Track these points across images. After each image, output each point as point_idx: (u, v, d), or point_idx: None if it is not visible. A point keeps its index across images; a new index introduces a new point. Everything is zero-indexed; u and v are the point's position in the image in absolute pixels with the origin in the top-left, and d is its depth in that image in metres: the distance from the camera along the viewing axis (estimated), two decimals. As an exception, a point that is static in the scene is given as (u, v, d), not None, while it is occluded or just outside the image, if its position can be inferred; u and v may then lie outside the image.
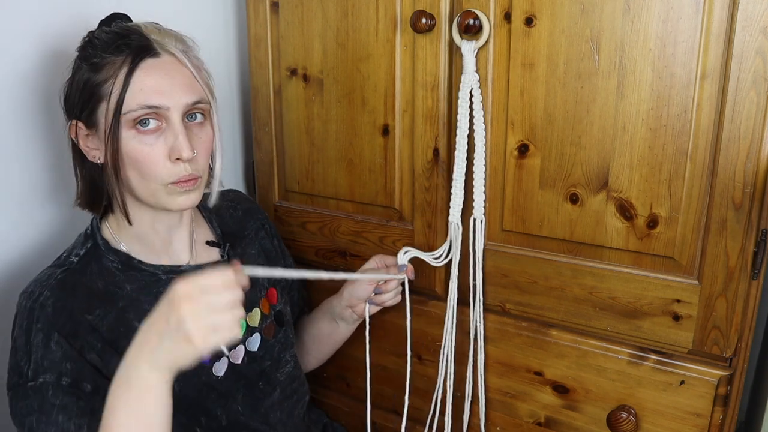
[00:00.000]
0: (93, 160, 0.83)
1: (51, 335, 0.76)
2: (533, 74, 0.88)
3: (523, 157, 0.92)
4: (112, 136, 0.78)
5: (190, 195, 0.82)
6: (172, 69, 0.80)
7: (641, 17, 0.79)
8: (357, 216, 1.10)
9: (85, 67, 0.80)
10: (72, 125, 0.83)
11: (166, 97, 0.78)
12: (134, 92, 0.77)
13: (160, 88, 0.78)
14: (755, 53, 0.73)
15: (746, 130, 0.75)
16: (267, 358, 0.96)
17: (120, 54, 0.79)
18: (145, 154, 0.79)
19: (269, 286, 1.01)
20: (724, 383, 0.84)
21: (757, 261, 0.78)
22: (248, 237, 1.02)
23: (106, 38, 0.81)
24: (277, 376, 0.97)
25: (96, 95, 0.79)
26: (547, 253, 0.93)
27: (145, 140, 0.79)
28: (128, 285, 0.84)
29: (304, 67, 1.10)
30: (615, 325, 0.90)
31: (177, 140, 0.79)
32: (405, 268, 0.98)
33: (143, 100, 0.78)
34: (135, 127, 0.78)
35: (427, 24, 0.92)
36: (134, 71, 0.78)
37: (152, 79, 0.78)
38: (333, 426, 1.16)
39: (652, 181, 0.83)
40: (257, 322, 0.95)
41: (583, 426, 0.95)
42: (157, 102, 0.78)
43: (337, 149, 1.10)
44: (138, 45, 0.79)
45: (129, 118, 0.78)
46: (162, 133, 0.79)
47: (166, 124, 0.79)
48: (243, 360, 0.92)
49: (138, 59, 0.78)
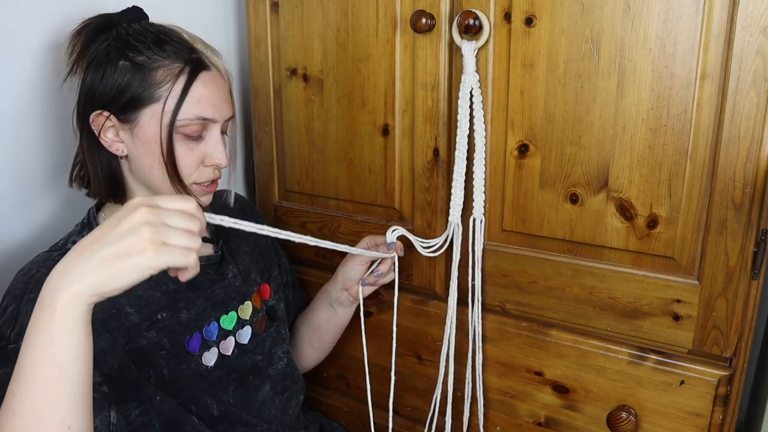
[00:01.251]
0: (115, 152, 0.85)
1: None
2: (533, 74, 0.88)
3: (523, 157, 0.92)
4: (168, 141, 0.82)
5: (209, 196, 0.89)
6: (220, 84, 0.86)
7: (641, 17, 0.79)
8: (357, 216, 1.10)
9: (126, 63, 0.81)
10: (100, 116, 0.82)
11: (217, 110, 0.84)
12: (191, 103, 0.82)
13: (213, 101, 0.84)
14: (755, 53, 0.73)
15: (746, 130, 0.75)
16: (258, 352, 0.96)
17: (175, 60, 0.81)
18: (185, 157, 0.83)
19: (262, 281, 1.02)
20: (724, 383, 0.84)
21: (757, 261, 0.78)
22: (243, 234, 1.01)
23: (152, 38, 0.82)
24: (269, 372, 0.98)
25: (145, 96, 0.81)
26: (547, 253, 0.93)
27: (188, 145, 0.83)
28: None
29: (304, 67, 1.10)
30: (615, 325, 0.90)
31: (217, 151, 0.85)
32: (394, 246, 0.98)
33: (198, 112, 0.82)
34: (182, 133, 0.82)
35: (427, 24, 0.92)
36: (193, 82, 0.82)
37: (207, 93, 0.83)
38: (331, 426, 1.16)
39: (652, 181, 0.83)
40: (248, 315, 0.96)
41: (583, 426, 0.95)
42: (210, 115, 0.83)
43: (337, 149, 1.10)
44: (194, 57, 0.83)
45: (181, 125, 0.82)
46: (202, 140, 0.85)
47: (206, 132, 0.85)
48: (233, 352, 0.93)
49: (197, 70, 0.82)
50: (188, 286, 0.88)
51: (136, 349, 0.82)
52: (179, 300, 0.87)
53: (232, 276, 0.95)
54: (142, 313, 0.83)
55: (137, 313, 0.83)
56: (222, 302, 0.93)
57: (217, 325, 0.91)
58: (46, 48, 0.98)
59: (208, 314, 0.90)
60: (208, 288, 0.91)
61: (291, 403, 1.02)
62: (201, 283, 0.90)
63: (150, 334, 0.84)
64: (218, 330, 0.91)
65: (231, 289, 0.94)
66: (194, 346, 0.88)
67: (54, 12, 0.98)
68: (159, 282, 0.86)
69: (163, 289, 0.86)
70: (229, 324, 0.93)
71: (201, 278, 0.90)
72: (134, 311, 0.83)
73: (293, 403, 1.02)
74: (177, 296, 0.87)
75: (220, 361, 0.90)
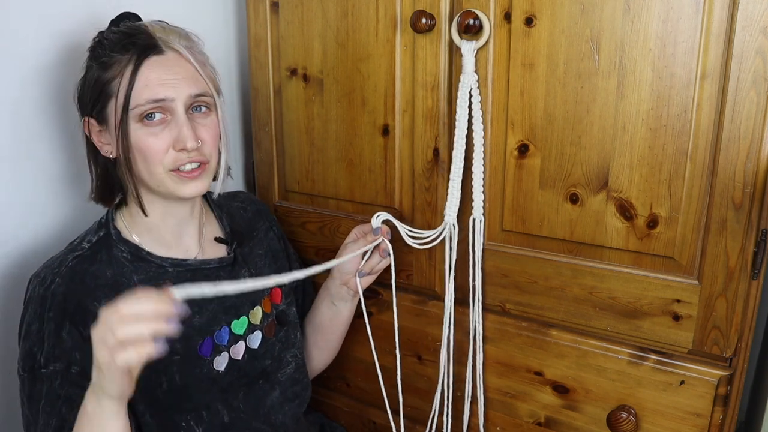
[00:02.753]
0: (106, 155, 0.87)
1: (63, 325, 0.79)
2: (533, 74, 0.88)
3: (523, 157, 0.92)
4: (122, 131, 0.82)
5: (196, 183, 0.86)
6: (175, 64, 0.84)
7: (641, 17, 0.79)
8: (357, 216, 1.10)
9: (95, 66, 0.84)
10: (85, 122, 0.86)
11: (170, 89, 0.82)
12: (140, 88, 0.81)
13: (163, 81, 0.82)
14: (755, 53, 0.73)
15: (746, 130, 0.75)
16: (268, 356, 0.96)
17: (126, 53, 0.82)
18: (150, 143, 0.82)
19: (274, 285, 1.01)
20: (724, 383, 0.84)
21: (757, 261, 0.78)
22: (257, 237, 1.04)
23: (114, 38, 0.84)
24: (278, 377, 0.98)
25: (105, 93, 0.83)
26: (547, 253, 0.93)
27: (151, 131, 0.83)
28: (135, 276, 0.86)
29: (304, 67, 1.10)
30: (615, 325, 0.90)
31: (181, 131, 0.82)
32: (379, 231, 0.97)
33: (149, 95, 0.81)
34: (142, 121, 0.82)
35: (427, 24, 0.92)
36: (139, 68, 0.81)
37: (156, 74, 0.82)
38: (331, 426, 1.16)
39: (652, 181, 0.83)
40: (259, 319, 0.96)
41: (583, 426, 0.95)
42: (162, 95, 0.82)
43: (337, 149, 1.10)
44: (143, 44, 0.83)
45: (136, 113, 0.82)
46: (167, 124, 0.83)
47: (171, 116, 0.83)
48: (243, 356, 0.93)
49: (142, 56, 0.82)
50: None
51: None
52: (191, 305, 0.87)
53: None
54: None
55: None
56: (233, 307, 0.93)
57: (228, 330, 0.92)
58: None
59: (220, 319, 0.91)
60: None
61: (300, 410, 1.02)
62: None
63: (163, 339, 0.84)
64: (229, 335, 0.92)
65: (242, 294, 0.93)
66: (206, 351, 0.89)
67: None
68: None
69: None
70: (240, 329, 0.93)
71: (214, 282, 0.90)
72: None
73: (301, 410, 1.02)
74: (190, 302, 0.87)
75: (230, 365, 0.91)
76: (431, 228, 1.01)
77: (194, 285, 0.72)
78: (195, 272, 0.90)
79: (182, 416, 0.86)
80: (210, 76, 0.88)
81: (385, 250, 0.97)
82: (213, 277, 0.92)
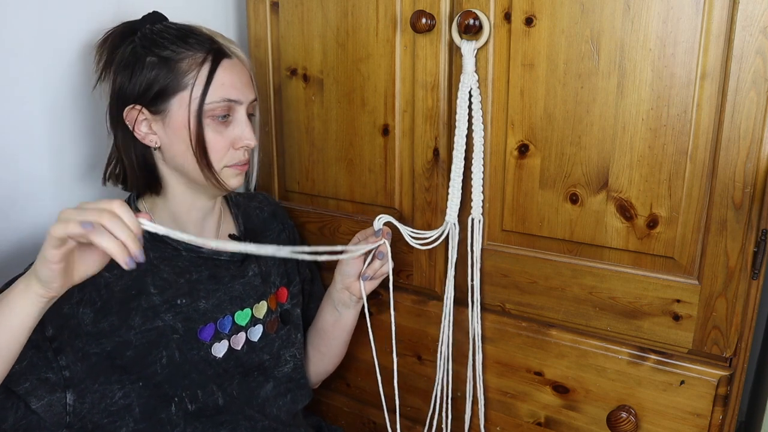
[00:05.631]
0: (149, 144, 0.89)
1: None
2: (533, 74, 0.88)
3: (523, 157, 0.92)
4: (198, 123, 0.86)
5: (241, 177, 0.93)
6: (241, 70, 0.91)
7: (641, 17, 0.79)
8: (357, 216, 1.10)
9: (153, 59, 0.86)
10: (132, 110, 0.87)
11: (240, 92, 0.89)
12: (216, 86, 0.87)
13: (236, 84, 0.89)
14: (755, 53, 0.73)
15: (746, 130, 0.75)
16: (266, 351, 0.98)
17: (199, 50, 0.87)
18: (216, 141, 0.88)
19: (281, 285, 1.04)
20: (724, 383, 0.84)
21: (757, 261, 0.78)
22: (269, 237, 1.07)
23: (175, 33, 0.88)
24: (274, 373, 0.99)
25: (172, 85, 0.86)
26: (547, 253, 0.93)
27: (218, 129, 0.88)
28: (152, 252, 0.89)
29: (304, 67, 1.10)
30: (615, 325, 0.90)
31: (244, 131, 0.90)
32: (381, 233, 0.97)
33: (224, 94, 0.87)
34: (210, 116, 0.87)
35: (427, 24, 0.92)
36: (217, 68, 0.87)
37: (230, 77, 0.88)
38: (330, 429, 1.16)
39: (652, 181, 0.83)
40: (262, 314, 0.98)
41: (583, 426, 0.95)
42: (234, 96, 0.88)
43: (337, 149, 1.10)
44: (215, 46, 0.88)
45: (209, 108, 0.86)
46: (230, 124, 0.90)
47: (232, 116, 0.90)
48: (243, 347, 0.95)
49: (219, 58, 0.88)
50: (210, 278, 0.92)
51: (151, 330, 0.86)
52: (200, 290, 0.91)
53: (252, 275, 0.98)
54: (164, 295, 0.87)
55: (159, 295, 0.87)
56: (239, 298, 0.95)
57: (231, 319, 0.94)
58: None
59: (225, 307, 0.93)
60: (228, 282, 0.94)
61: (293, 406, 1.02)
62: (222, 276, 0.94)
63: (167, 316, 0.87)
64: (231, 324, 0.94)
65: (249, 287, 0.97)
66: (206, 336, 0.91)
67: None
68: (183, 270, 0.90)
69: (186, 277, 0.90)
70: (242, 320, 0.95)
71: (223, 272, 0.94)
72: (157, 292, 0.87)
73: (296, 407, 1.03)
74: (198, 285, 0.91)
75: (229, 354, 0.93)
76: (431, 228, 1.01)
77: (169, 229, 0.71)
78: (207, 260, 0.93)
79: (176, 391, 0.87)
80: (255, 80, 0.95)
81: (381, 252, 0.97)
82: (223, 268, 0.94)
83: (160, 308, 0.87)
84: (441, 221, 1.00)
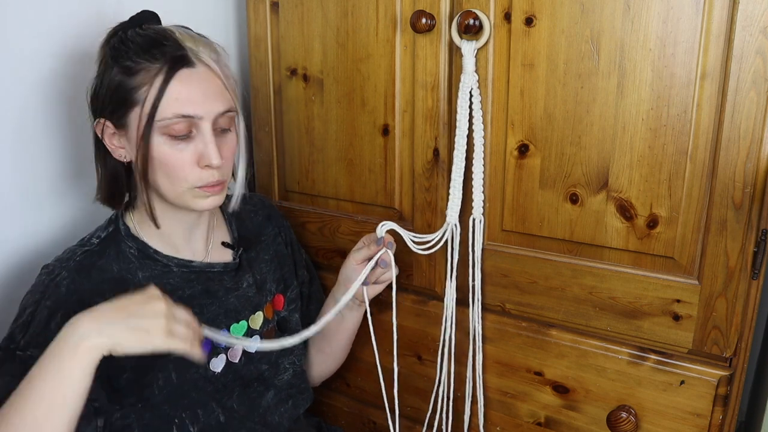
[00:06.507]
0: (119, 158, 0.85)
1: (54, 316, 0.79)
2: (533, 74, 0.88)
3: (523, 157, 0.92)
4: (144, 142, 0.80)
5: (214, 198, 0.86)
6: (205, 79, 0.82)
7: (641, 17, 0.79)
8: (357, 216, 1.10)
9: (116, 69, 0.82)
10: (99, 123, 0.84)
11: (199, 106, 0.81)
12: (169, 101, 0.80)
13: (193, 98, 0.81)
14: (755, 53, 0.73)
15: (746, 130, 0.75)
16: (264, 361, 0.96)
17: (155, 61, 0.80)
18: (175, 159, 0.81)
19: (277, 292, 1.02)
20: (724, 383, 0.84)
21: (757, 261, 0.78)
22: (264, 242, 1.04)
23: (140, 42, 0.82)
24: (274, 381, 0.98)
25: (129, 99, 0.81)
26: (547, 253, 0.93)
27: (176, 146, 0.81)
28: (141, 273, 0.86)
29: (304, 67, 1.10)
30: (615, 325, 0.90)
31: (207, 148, 0.82)
32: (382, 241, 0.96)
33: (177, 109, 0.80)
34: (166, 134, 0.81)
35: (427, 24, 0.92)
36: (170, 81, 0.80)
37: (187, 90, 0.80)
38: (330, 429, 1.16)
39: (652, 181, 0.83)
40: (259, 325, 0.96)
41: (583, 426, 0.95)
42: (191, 111, 0.81)
43: (337, 149, 1.10)
44: (174, 55, 0.81)
45: (162, 125, 0.80)
46: (192, 140, 0.82)
47: (196, 131, 0.82)
48: (240, 359, 0.93)
49: (174, 69, 0.80)
50: (203, 292, 0.90)
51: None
52: (193, 306, 0.88)
53: (246, 285, 0.96)
54: None
55: None
56: (234, 311, 0.93)
57: (227, 333, 0.92)
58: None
59: (220, 321, 0.91)
60: (222, 296, 0.92)
61: (296, 412, 1.01)
62: (216, 290, 0.92)
63: None
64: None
65: (244, 299, 0.95)
66: (203, 351, 0.88)
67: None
68: (175, 287, 0.88)
69: (179, 294, 0.88)
70: (238, 332, 0.94)
71: (216, 286, 0.92)
72: None
73: (297, 411, 1.02)
74: (192, 302, 0.88)
75: (227, 368, 0.91)
76: (431, 228, 1.01)
77: (223, 333, 0.84)
78: (199, 274, 0.91)
79: (176, 413, 0.86)
80: (233, 89, 0.87)
81: (383, 261, 0.96)
82: (216, 281, 0.92)
83: None
84: (441, 221, 1.00)
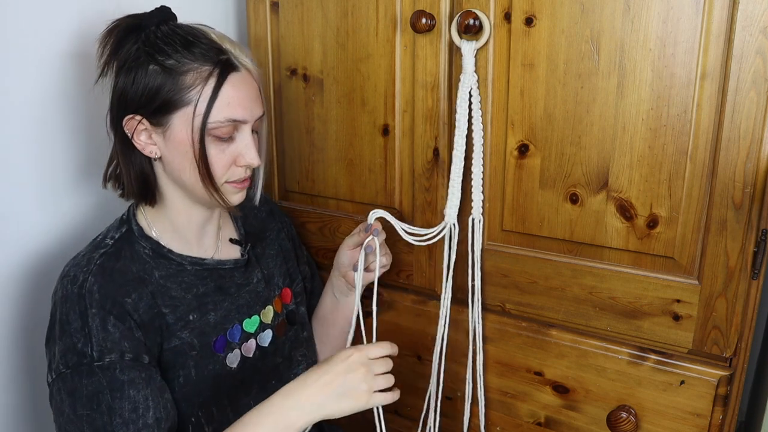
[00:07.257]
0: (149, 155, 0.86)
1: (107, 319, 0.80)
2: (533, 74, 0.88)
3: (523, 157, 0.92)
4: (200, 143, 0.83)
5: (242, 193, 0.90)
6: (248, 84, 0.85)
7: (641, 17, 0.79)
8: (357, 216, 1.10)
9: (155, 67, 0.81)
10: (132, 119, 0.84)
11: (248, 111, 0.84)
12: (221, 105, 0.82)
13: (243, 102, 0.84)
14: (755, 53, 0.73)
15: (746, 130, 0.75)
16: (279, 354, 0.98)
17: (204, 63, 0.82)
18: (218, 159, 0.84)
19: (284, 286, 1.04)
20: (724, 383, 0.84)
21: (757, 261, 0.78)
22: (269, 238, 1.06)
23: (180, 41, 0.82)
24: (290, 376, 0.99)
25: (176, 99, 0.82)
26: (547, 253, 0.93)
27: (219, 147, 0.84)
28: (156, 272, 0.87)
29: (304, 67, 1.10)
30: (615, 325, 0.90)
31: (249, 151, 0.86)
32: (370, 228, 0.96)
33: (229, 114, 0.83)
34: (212, 135, 0.83)
35: (427, 24, 0.92)
36: (223, 85, 0.82)
37: (237, 94, 0.83)
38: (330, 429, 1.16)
39: (652, 181, 0.83)
40: (270, 319, 0.98)
41: (583, 426, 0.95)
42: (240, 116, 0.84)
43: (337, 149, 1.10)
44: (222, 58, 0.83)
45: (210, 128, 0.82)
46: (233, 141, 0.85)
47: (237, 133, 0.85)
48: (255, 354, 0.94)
49: (225, 73, 0.82)
50: (216, 289, 0.92)
51: (170, 349, 0.85)
52: (207, 303, 0.90)
53: (256, 281, 0.97)
54: (176, 313, 0.86)
55: (172, 314, 0.86)
56: (246, 306, 0.95)
57: (240, 328, 0.93)
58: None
59: (233, 317, 0.93)
60: (234, 292, 0.94)
61: None
62: (228, 287, 0.93)
63: (183, 334, 0.86)
64: (240, 332, 0.93)
65: (254, 294, 0.96)
66: (219, 348, 0.90)
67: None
68: (190, 285, 0.89)
69: (194, 292, 0.89)
70: (251, 327, 0.95)
71: (228, 282, 0.93)
72: (169, 312, 0.86)
73: None
74: (205, 299, 0.90)
75: (242, 363, 0.92)
76: (431, 227, 1.01)
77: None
78: (212, 271, 0.92)
79: (192, 410, 0.87)
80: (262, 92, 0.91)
81: (369, 246, 0.96)
82: (227, 277, 0.94)
83: (175, 327, 0.86)
84: (441, 221, 1.00)
